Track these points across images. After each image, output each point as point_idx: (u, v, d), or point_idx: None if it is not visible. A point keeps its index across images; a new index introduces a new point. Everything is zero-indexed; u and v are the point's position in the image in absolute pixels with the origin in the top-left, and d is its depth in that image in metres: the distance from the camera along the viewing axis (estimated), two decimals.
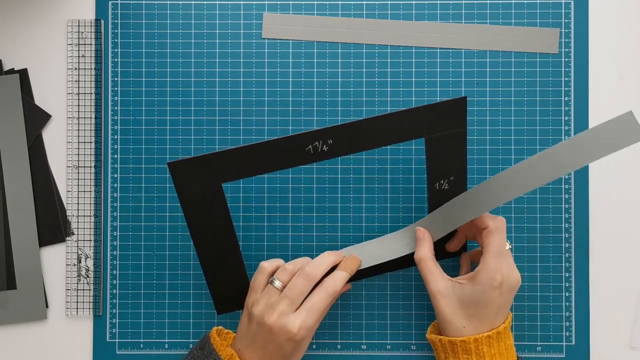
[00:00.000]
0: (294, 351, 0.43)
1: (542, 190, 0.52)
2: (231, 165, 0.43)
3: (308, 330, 0.42)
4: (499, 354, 0.44)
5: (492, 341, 0.43)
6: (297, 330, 0.42)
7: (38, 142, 0.53)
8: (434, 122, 0.44)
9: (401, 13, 0.52)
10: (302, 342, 0.43)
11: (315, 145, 0.43)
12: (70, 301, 0.52)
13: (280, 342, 0.42)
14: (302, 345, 0.44)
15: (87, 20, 0.53)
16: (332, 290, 0.44)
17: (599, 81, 0.52)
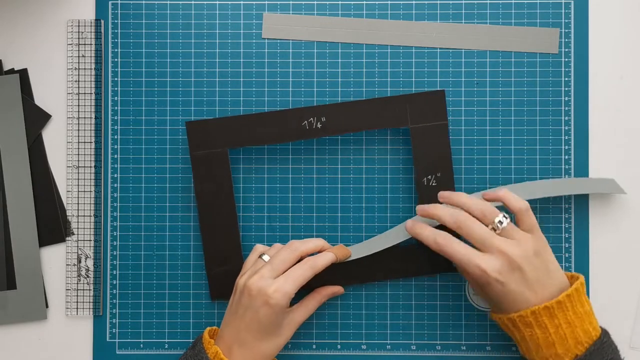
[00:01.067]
0: (269, 321, 0.43)
1: None
2: (237, 131, 0.50)
3: (283, 295, 0.43)
4: (566, 323, 0.42)
5: (554, 311, 0.42)
6: (272, 292, 0.43)
7: (38, 142, 0.53)
8: (416, 112, 0.50)
9: (401, 13, 0.52)
10: (276, 308, 0.43)
11: (310, 121, 0.50)
12: (70, 301, 0.52)
13: (257, 306, 0.43)
14: (277, 315, 0.44)
15: (87, 20, 0.53)
16: (314, 264, 0.45)
17: (599, 81, 0.52)
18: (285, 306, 0.44)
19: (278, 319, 0.44)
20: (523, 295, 0.42)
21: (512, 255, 0.42)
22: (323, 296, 0.49)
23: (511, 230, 0.43)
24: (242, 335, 0.44)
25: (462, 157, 0.52)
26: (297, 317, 0.47)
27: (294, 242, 0.47)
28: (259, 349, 0.44)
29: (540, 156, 0.52)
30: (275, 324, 0.44)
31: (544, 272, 0.43)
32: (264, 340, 0.44)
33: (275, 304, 0.43)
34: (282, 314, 0.44)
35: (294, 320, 0.46)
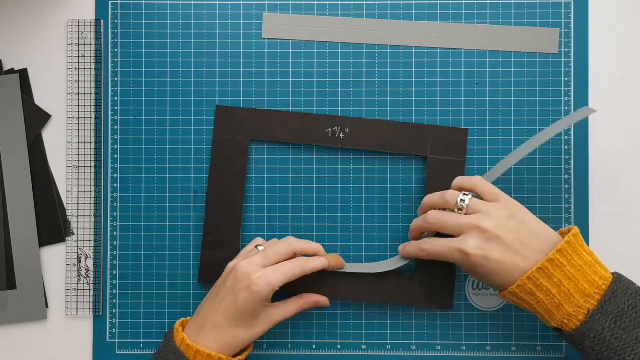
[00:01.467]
0: (247, 307, 0.43)
1: (542, 190, 0.52)
2: (262, 125, 0.51)
3: (266, 284, 0.42)
4: (567, 280, 0.40)
5: (549, 271, 0.40)
6: (256, 278, 0.42)
7: (38, 142, 0.53)
8: (437, 144, 0.51)
9: (401, 13, 0.52)
10: (257, 296, 0.42)
11: (334, 129, 0.51)
12: (70, 301, 0.52)
13: (239, 290, 0.43)
14: (256, 304, 0.43)
15: (87, 20, 0.53)
16: (305, 264, 0.45)
17: (599, 81, 0.52)
18: (267, 297, 0.43)
19: (256, 308, 0.43)
20: (512, 262, 0.41)
21: (483, 226, 0.42)
22: (306, 302, 0.48)
23: (477, 205, 0.43)
24: (217, 317, 0.44)
25: None
26: (276, 315, 0.46)
27: (291, 239, 0.47)
28: (230, 334, 0.43)
29: (540, 156, 0.52)
30: (252, 312, 0.43)
31: (525, 233, 0.42)
32: (237, 327, 0.43)
33: (257, 290, 0.42)
34: (261, 305, 0.44)
35: (272, 316, 0.45)
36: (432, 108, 0.52)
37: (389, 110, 0.52)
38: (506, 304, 0.51)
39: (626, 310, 0.39)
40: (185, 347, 0.43)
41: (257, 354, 0.52)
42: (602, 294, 0.40)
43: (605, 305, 0.39)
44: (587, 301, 0.40)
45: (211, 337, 0.43)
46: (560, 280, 0.40)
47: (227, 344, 0.43)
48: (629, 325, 0.39)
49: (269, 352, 0.52)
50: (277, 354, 0.52)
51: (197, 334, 0.44)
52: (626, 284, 0.41)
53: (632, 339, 0.39)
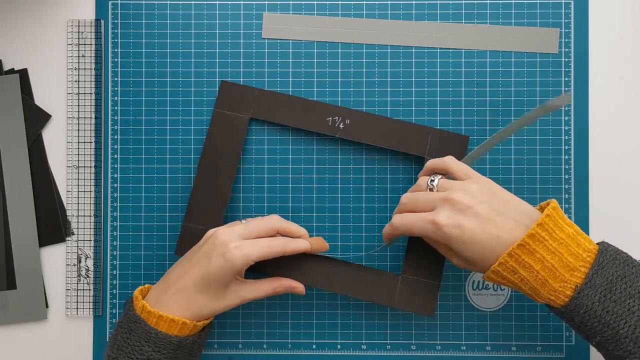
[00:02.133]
0: (217, 275, 0.42)
1: (542, 190, 0.52)
2: (265, 104, 0.51)
3: (242, 255, 0.41)
4: (550, 254, 0.38)
5: (531, 247, 0.38)
6: (232, 247, 0.41)
7: (38, 142, 0.53)
8: (436, 147, 0.50)
9: (401, 13, 0.52)
10: (229, 264, 0.41)
11: (334, 119, 0.50)
12: (70, 301, 0.52)
13: (213, 256, 0.42)
14: (227, 274, 0.42)
15: (87, 20, 0.53)
16: (286, 243, 0.44)
17: (599, 81, 0.52)
18: (240, 268, 0.42)
19: (227, 278, 0.42)
20: (488, 232, 0.39)
21: (454, 198, 0.41)
22: (280, 285, 0.45)
23: (447, 183, 0.43)
24: (185, 280, 0.42)
25: None
26: (246, 292, 0.44)
27: (276, 216, 0.46)
28: (194, 301, 0.42)
29: (540, 156, 0.52)
30: (222, 282, 0.42)
31: (501, 204, 0.41)
32: (202, 294, 0.42)
33: (231, 259, 0.41)
34: (232, 277, 0.42)
35: (241, 292, 0.44)
36: (432, 108, 0.52)
37: (389, 110, 0.52)
38: (506, 304, 0.51)
39: (615, 281, 0.38)
40: (146, 314, 0.41)
41: (257, 354, 0.52)
42: (588, 266, 0.38)
43: (592, 278, 0.38)
44: (574, 275, 0.38)
45: (174, 301, 0.42)
46: (543, 256, 0.38)
47: (190, 310, 0.42)
48: (619, 296, 0.37)
49: (269, 352, 0.52)
50: (277, 354, 0.52)
51: (159, 299, 0.42)
52: (613, 253, 0.39)
53: (624, 310, 0.37)
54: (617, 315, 0.37)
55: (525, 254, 0.39)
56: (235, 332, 0.52)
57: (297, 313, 0.52)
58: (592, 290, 0.37)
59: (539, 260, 0.38)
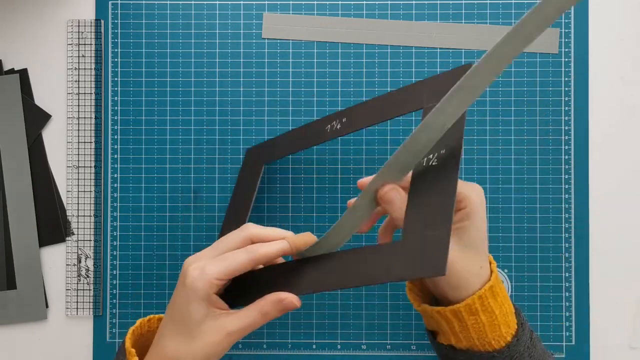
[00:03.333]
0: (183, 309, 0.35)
1: (542, 190, 0.52)
2: (275, 149, 0.50)
3: (200, 275, 0.34)
4: (504, 298, 0.37)
5: (495, 289, 0.37)
6: (191, 269, 0.35)
7: (38, 142, 0.53)
8: (433, 92, 0.41)
9: (401, 13, 0.52)
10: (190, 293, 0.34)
11: (332, 124, 0.47)
12: (70, 301, 0.52)
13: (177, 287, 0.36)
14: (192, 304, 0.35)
15: (87, 20, 0.53)
16: (253, 249, 0.36)
17: (599, 81, 0.52)
18: (204, 293, 0.34)
19: (194, 310, 0.34)
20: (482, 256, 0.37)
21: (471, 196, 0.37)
22: (267, 303, 0.36)
23: None
24: (162, 328, 0.36)
25: (462, 157, 0.52)
26: (228, 324, 0.35)
27: (250, 225, 0.38)
28: (168, 349, 0.35)
29: (540, 156, 0.52)
30: (189, 316, 0.35)
31: (484, 234, 0.37)
32: (173, 337, 0.35)
33: (190, 283, 0.34)
34: (201, 307, 0.35)
35: (223, 326, 0.35)
36: None
37: None
38: None
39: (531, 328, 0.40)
40: None
41: (257, 354, 0.52)
42: (514, 311, 0.39)
43: (523, 324, 0.38)
44: (513, 320, 0.38)
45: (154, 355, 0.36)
46: (502, 300, 0.37)
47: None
48: (535, 340, 0.39)
49: (269, 352, 0.52)
50: (277, 354, 0.52)
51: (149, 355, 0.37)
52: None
53: (538, 354, 0.39)
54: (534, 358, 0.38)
55: (491, 297, 0.37)
56: None
57: (297, 313, 0.52)
58: (524, 335, 0.38)
59: (499, 305, 0.37)
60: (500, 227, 0.52)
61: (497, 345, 0.37)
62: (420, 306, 0.39)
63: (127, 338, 0.37)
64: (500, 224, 0.52)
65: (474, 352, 0.38)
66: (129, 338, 0.37)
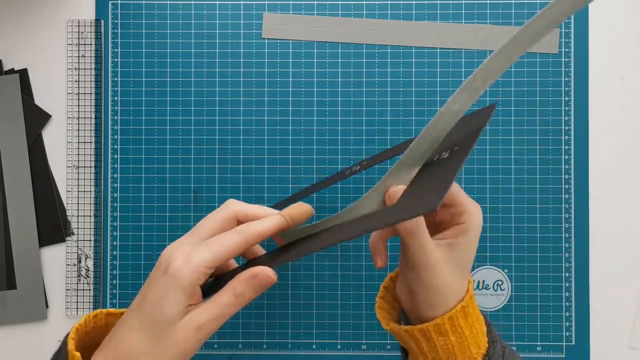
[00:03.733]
0: (159, 301, 0.30)
1: (542, 190, 0.52)
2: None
3: (185, 263, 0.30)
4: (476, 319, 0.36)
5: (468, 310, 0.35)
6: (171, 256, 0.31)
7: (38, 142, 0.53)
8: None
9: (401, 13, 0.52)
10: (173, 282, 0.30)
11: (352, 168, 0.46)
12: (70, 301, 0.52)
13: (155, 276, 0.31)
14: (171, 296, 0.30)
15: (87, 20, 0.53)
16: (245, 231, 0.32)
17: (599, 81, 0.52)
18: (190, 284, 0.30)
19: (171, 306, 0.30)
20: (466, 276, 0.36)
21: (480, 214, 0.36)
22: (239, 281, 0.31)
23: None
24: (125, 321, 0.31)
25: None
26: (196, 317, 0.30)
27: (231, 201, 0.34)
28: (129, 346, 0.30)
29: (540, 156, 0.52)
30: (164, 311, 0.30)
31: (473, 255, 0.37)
32: (140, 333, 0.30)
33: (173, 274, 0.30)
34: (180, 302, 0.30)
35: (191, 320, 0.30)
36: (432, 108, 0.52)
37: (389, 110, 0.52)
38: (506, 304, 0.52)
39: (504, 343, 0.38)
40: None
41: (257, 354, 0.52)
42: (485, 329, 0.37)
43: (495, 341, 0.37)
44: (483, 340, 0.36)
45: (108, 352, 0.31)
46: (473, 321, 0.36)
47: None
48: (508, 355, 0.37)
49: (268, 352, 0.52)
50: (277, 354, 0.52)
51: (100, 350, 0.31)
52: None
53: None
54: None
55: (462, 318, 0.35)
56: (235, 332, 0.52)
57: (297, 313, 0.52)
58: (496, 355, 0.36)
59: (469, 326, 0.35)
60: (500, 227, 0.52)
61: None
62: (389, 325, 0.38)
63: (70, 338, 0.31)
64: (500, 224, 0.52)
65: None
66: (71, 338, 0.31)
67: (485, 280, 0.52)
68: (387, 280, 0.41)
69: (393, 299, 0.41)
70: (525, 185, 0.52)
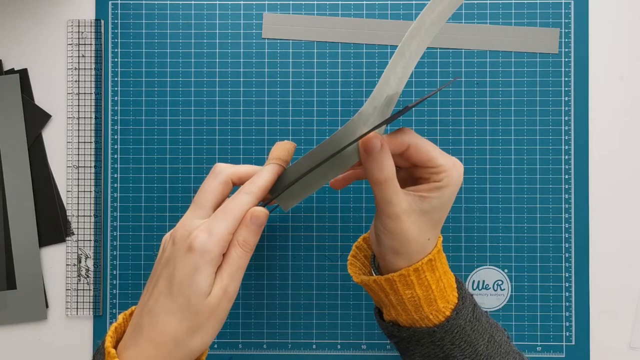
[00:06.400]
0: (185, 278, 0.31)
1: (542, 191, 0.52)
2: None
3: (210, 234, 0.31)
4: (443, 273, 0.37)
5: (435, 263, 0.36)
6: (195, 233, 0.31)
7: (38, 142, 0.53)
8: None
9: (401, 13, 0.52)
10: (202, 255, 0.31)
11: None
12: (70, 301, 0.52)
13: (177, 256, 0.32)
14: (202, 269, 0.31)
15: (87, 20, 0.53)
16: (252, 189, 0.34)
17: (599, 81, 0.52)
18: (216, 255, 0.31)
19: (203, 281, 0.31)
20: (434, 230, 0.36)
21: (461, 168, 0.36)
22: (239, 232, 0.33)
23: None
24: (154, 305, 0.31)
25: (462, 157, 0.52)
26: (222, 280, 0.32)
27: (219, 165, 0.36)
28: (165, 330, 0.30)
29: (540, 156, 0.52)
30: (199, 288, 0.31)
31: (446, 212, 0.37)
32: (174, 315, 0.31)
33: (201, 248, 0.31)
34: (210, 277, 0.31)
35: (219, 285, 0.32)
36: (432, 108, 0.52)
37: None
38: (506, 304, 0.51)
39: (475, 301, 0.39)
40: None
41: (257, 354, 0.52)
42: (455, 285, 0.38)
43: (465, 297, 0.38)
44: (452, 294, 0.37)
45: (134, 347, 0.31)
46: (440, 275, 0.36)
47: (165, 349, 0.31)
48: (478, 314, 0.38)
49: (269, 352, 0.52)
50: (277, 354, 0.52)
51: (130, 345, 0.32)
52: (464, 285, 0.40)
53: (483, 327, 0.38)
54: (478, 332, 0.37)
55: (429, 271, 0.36)
56: (235, 332, 0.52)
57: (297, 313, 0.52)
58: (465, 309, 0.37)
59: (436, 279, 0.36)
60: (500, 227, 0.52)
61: (435, 320, 0.37)
62: (359, 277, 0.39)
63: (108, 336, 0.33)
64: (500, 224, 0.52)
65: (416, 328, 0.37)
66: (109, 336, 0.33)
67: (485, 280, 0.52)
68: (359, 241, 0.43)
69: (365, 258, 0.43)
70: (525, 185, 0.52)
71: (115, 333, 0.34)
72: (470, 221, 0.52)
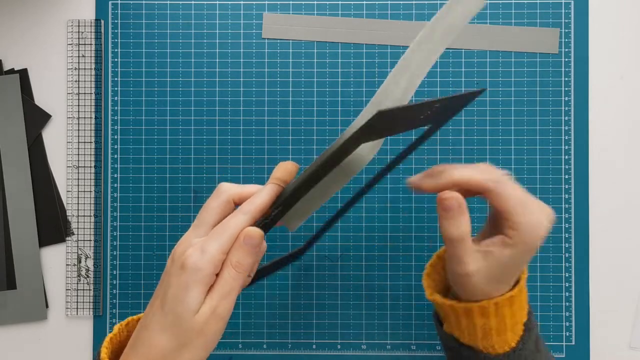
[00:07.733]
0: (177, 291, 0.31)
1: (542, 190, 0.52)
2: None
3: (203, 255, 0.31)
4: (519, 309, 0.36)
5: (514, 299, 0.36)
6: (185, 252, 0.32)
7: (38, 142, 0.53)
8: None
9: (401, 13, 0.52)
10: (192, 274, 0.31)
11: None
12: (70, 301, 0.52)
13: (171, 274, 0.32)
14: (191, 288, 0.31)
15: (87, 20, 0.53)
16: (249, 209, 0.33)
17: (599, 81, 0.52)
18: (208, 274, 0.31)
19: (193, 299, 0.31)
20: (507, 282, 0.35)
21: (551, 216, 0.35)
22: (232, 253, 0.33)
23: None
24: (147, 321, 0.32)
25: (462, 157, 0.52)
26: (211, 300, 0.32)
27: (223, 184, 0.35)
28: (155, 346, 0.31)
29: (540, 156, 0.52)
30: (188, 306, 0.31)
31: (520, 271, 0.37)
32: (164, 331, 0.31)
33: (192, 267, 0.31)
34: (201, 295, 0.31)
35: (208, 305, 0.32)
36: None
37: None
38: None
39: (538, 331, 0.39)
40: None
41: (257, 354, 0.52)
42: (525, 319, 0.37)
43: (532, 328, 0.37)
44: (520, 329, 0.37)
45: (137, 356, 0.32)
46: (516, 310, 0.36)
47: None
48: (540, 345, 0.38)
49: (269, 352, 0.52)
50: (277, 353, 0.52)
51: (126, 358, 0.33)
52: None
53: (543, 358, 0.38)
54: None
55: (507, 306, 0.35)
56: (235, 332, 0.52)
57: (297, 313, 0.52)
58: (530, 340, 0.37)
59: (512, 314, 0.36)
60: None
61: (500, 350, 0.37)
62: (432, 295, 0.38)
63: (104, 347, 0.33)
64: None
65: (479, 352, 0.37)
66: (105, 347, 0.33)
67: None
68: (442, 250, 0.40)
69: (443, 269, 0.40)
70: (525, 185, 0.52)
71: (110, 344, 0.34)
72: (470, 221, 0.51)
